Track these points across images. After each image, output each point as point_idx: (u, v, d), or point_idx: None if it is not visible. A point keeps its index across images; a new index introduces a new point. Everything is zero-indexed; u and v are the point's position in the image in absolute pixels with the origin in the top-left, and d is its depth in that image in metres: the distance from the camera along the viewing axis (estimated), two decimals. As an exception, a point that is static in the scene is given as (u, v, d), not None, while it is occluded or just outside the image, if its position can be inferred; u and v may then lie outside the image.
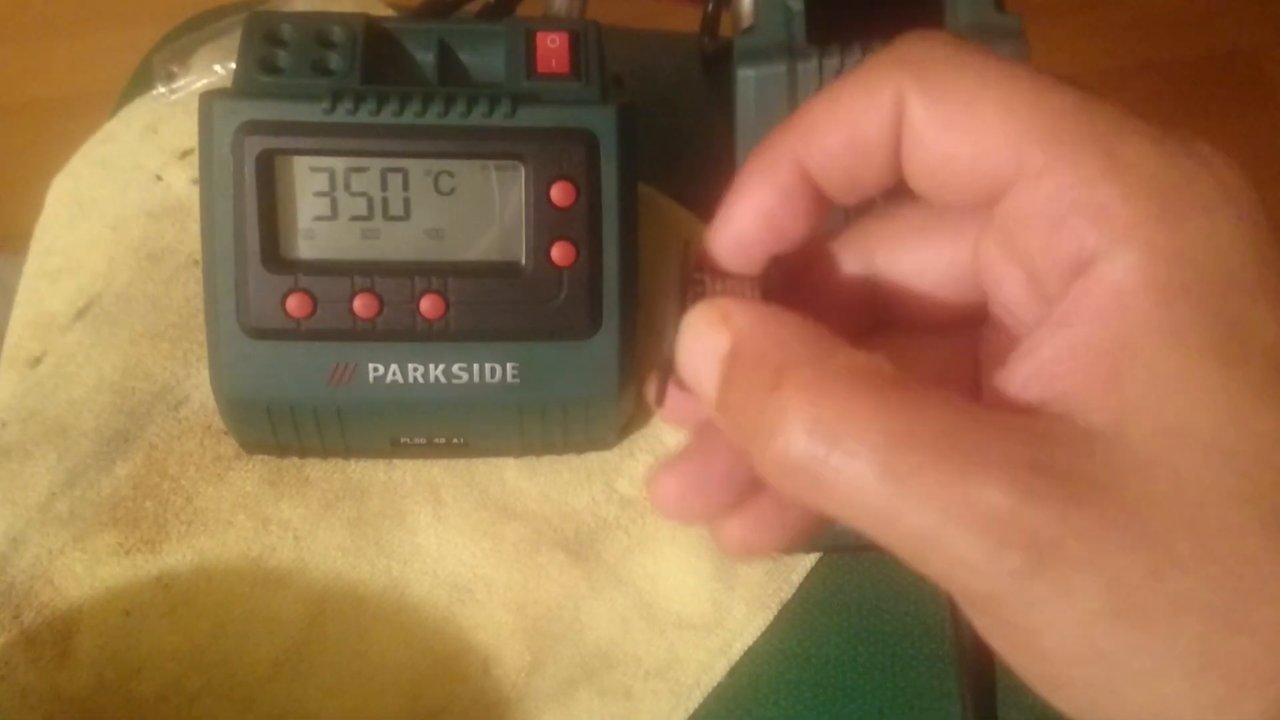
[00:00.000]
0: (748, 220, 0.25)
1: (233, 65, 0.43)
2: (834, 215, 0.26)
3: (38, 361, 0.49)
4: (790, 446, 0.20)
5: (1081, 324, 0.21)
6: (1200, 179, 0.21)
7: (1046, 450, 0.20)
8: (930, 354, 0.27)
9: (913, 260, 0.26)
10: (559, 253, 0.42)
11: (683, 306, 0.25)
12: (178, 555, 0.45)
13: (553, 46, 0.43)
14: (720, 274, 0.26)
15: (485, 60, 0.45)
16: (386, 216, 0.42)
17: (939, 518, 0.19)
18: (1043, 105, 0.21)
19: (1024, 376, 0.21)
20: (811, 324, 0.22)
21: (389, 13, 0.56)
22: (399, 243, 0.42)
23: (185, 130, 0.54)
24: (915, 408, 0.20)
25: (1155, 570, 0.19)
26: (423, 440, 0.45)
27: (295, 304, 0.41)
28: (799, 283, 0.27)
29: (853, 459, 0.20)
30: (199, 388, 0.48)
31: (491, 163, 0.42)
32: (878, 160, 0.24)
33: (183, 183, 0.53)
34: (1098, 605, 0.19)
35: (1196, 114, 1.43)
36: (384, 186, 0.41)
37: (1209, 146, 0.21)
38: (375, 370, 0.43)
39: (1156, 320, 0.20)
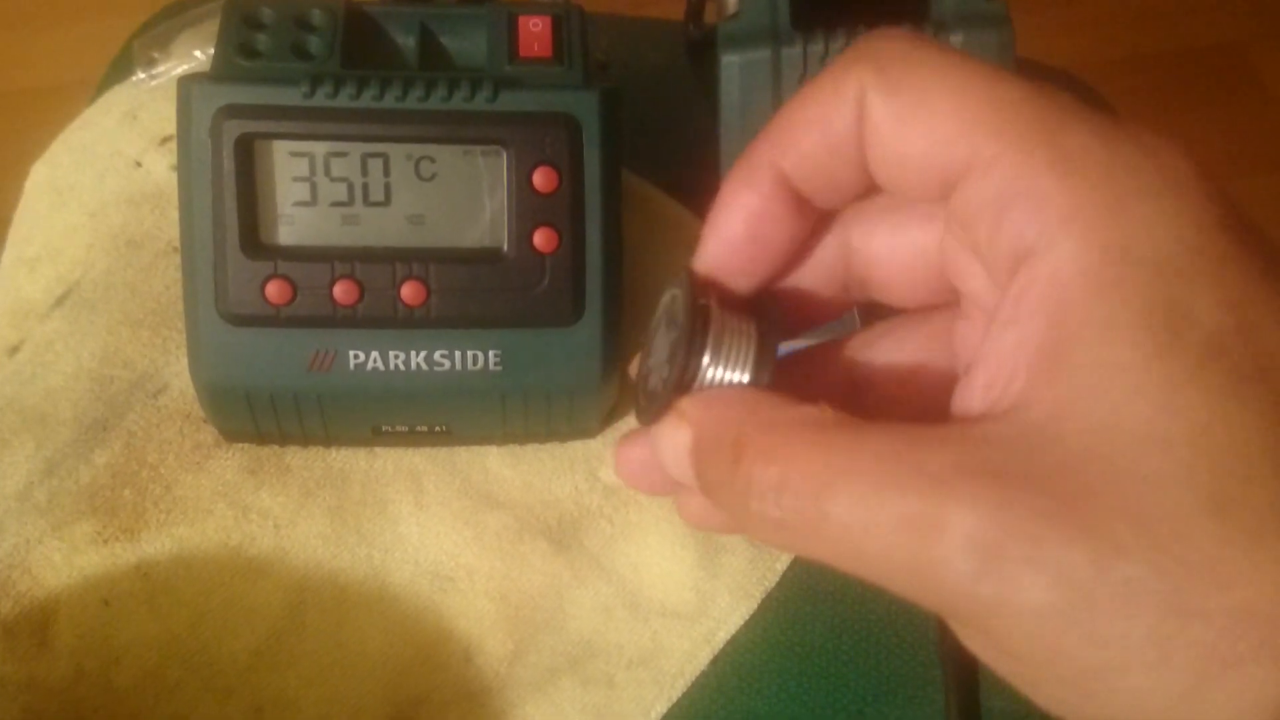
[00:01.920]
0: (735, 227, 0.25)
1: (213, 50, 0.43)
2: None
3: (15, 350, 0.49)
4: (762, 506, 0.22)
5: (1024, 319, 0.21)
6: (1144, 168, 0.21)
7: (982, 454, 0.20)
8: (913, 389, 0.27)
9: (884, 242, 0.27)
10: (541, 239, 0.42)
11: (692, 332, 0.25)
12: (157, 544, 0.44)
13: (535, 30, 0.43)
14: (724, 300, 0.26)
15: (467, 44, 0.44)
16: (367, 202, 0.41)
17: (887, 538, 0.20)
18: (994, 97, 0.22)
19: (985, 379, 0.22)
20: (755, 393, 0.24)
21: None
22: (380, 229, 0.42)
23: (165, 116, 0.53)
24: (855, 442, 0.21)
25: (1099, 561, 0.19)
26: (404, 428, 0.45)
27: (274, 290, 0.41)
28: (783, 270, 0.27)
29: (810, 502, 0.21)
30: (178, 375, 0.47)
31: (473, 148, 0.41)
32: (851, 158, 0.24)
33: (162, 169, 0.52)
34: (1048, 601, 0.19)
35: (1182, 106, 1.43)
36: (364, 172, 0.41)
37: (1155, 136, 0.22)
38: (356, 357, 0.42)
39: (1092, 313, 0.20)
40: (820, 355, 0.28)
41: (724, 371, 0.25)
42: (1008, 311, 0.21)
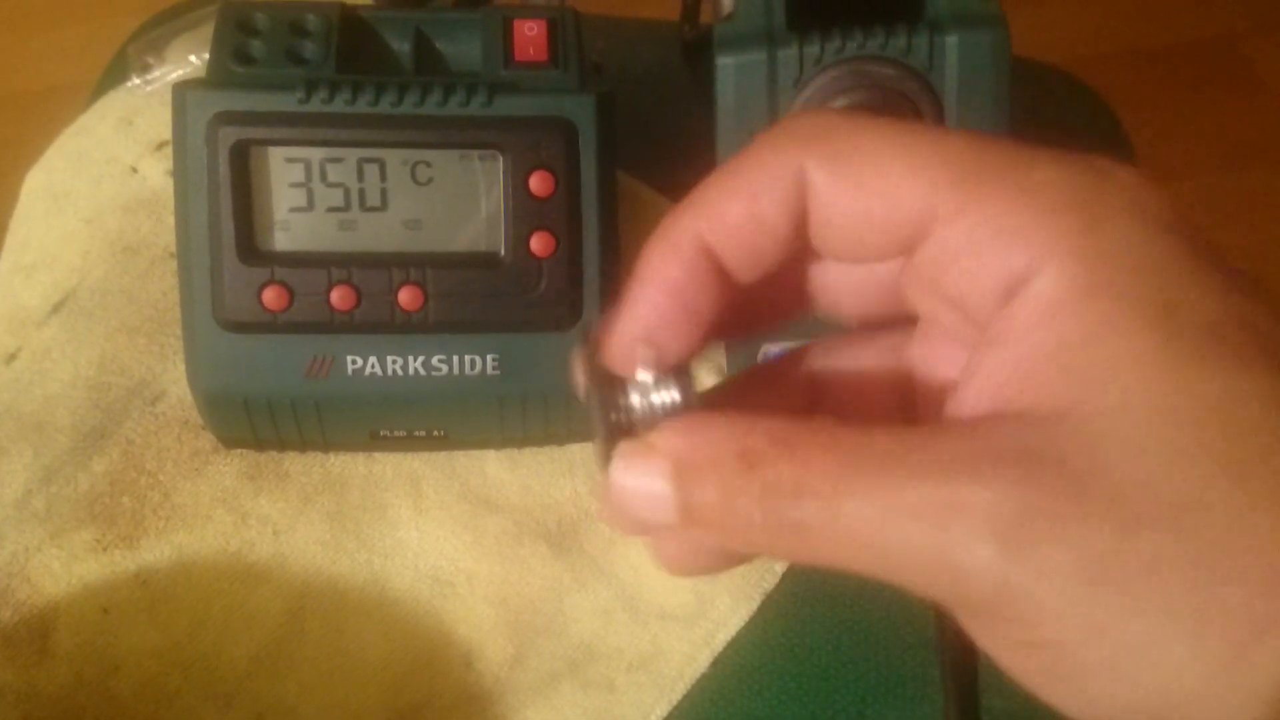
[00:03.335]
0: (658, 300, 0.25)
1: (208, 55, 0.43)
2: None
3: (13, 357, 0.49)
4: (779, 511, 0.21)
5: (1017, 338, 0.21)
6: (1105, 188, 0.22)
7: (994, 442, 0.20)
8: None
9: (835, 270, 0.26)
10: (538, 243, 0.42)
11: (602, 386, 0.24)
12: (156, 551, 0.44)
13: (530, 34, 0.43)
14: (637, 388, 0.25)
15: (462, 49, 0.44)
16: (363, 207, 0.41)
17: (906, 529, 0.20)
18: (945, 152, 0.22)
19: (972, 398, 0.22)
20: (744, 413, 0.23)
21: (365, 1, 0.55)
22: (376, 234, 0.42)
23: (161, 122, 0.53)
24: (864, 442, 0.21)
25: (1124, 532, 0.19)
26: (403, 433, 0.45)
27: (271, 296, 0.41)
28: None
29: (827, 500, 0.21)
30: (176, 382, 0.47)
31: (469, 152, 0.41)
32: (779, 233, 0.24)
33: (158, 175, 0.52)
34: (1078, 576, 0.19)
35: (1176, 100, 1.43)
36: (360, 177, 0.41)
37: (1109, 161, 0.22)
38: (353, 363, 0.42)
39: (1091, 317, 0.21)
40: (776, 367, 0.29)
41: (654, 401, 0.24)
42: (995, 333, 0.22)
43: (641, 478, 0.23)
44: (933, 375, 0.26)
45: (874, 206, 0.23)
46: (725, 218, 0.24)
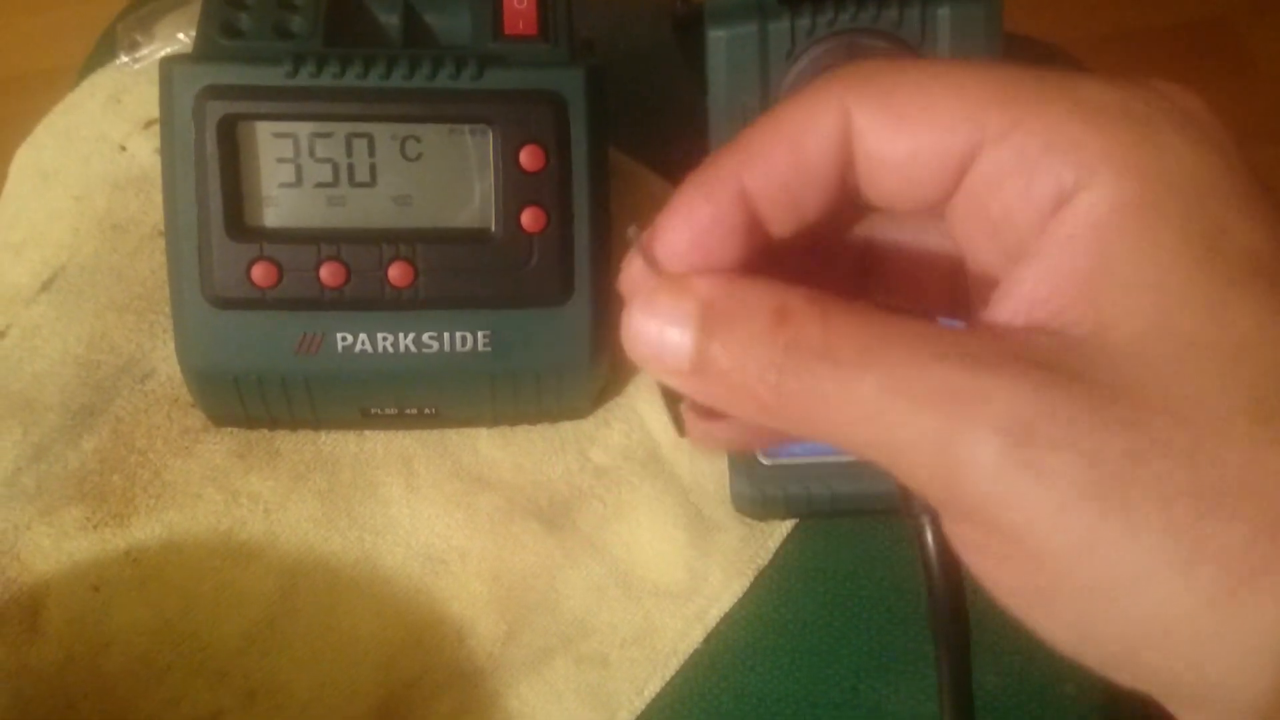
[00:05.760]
0: (678, 239, 0.24)
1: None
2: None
3: (2, 335, 0.48)
4: (797, 370, 0.21)
5: (1056, 252, 0.21)
6: (1159, 105, 0.22)
7: (1025, 346, 0.20)
8: None
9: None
10: (529, 218, 0.41)
11: None
12: (146, 529, 0.44)
13: (520, 7, 0.43)
14: None
15: (451, 22, 0.44)
16: (353, 183, 0.41)
17: (916, 410, 0.20)
18: (990, 77, 0.22)
19: (1007, 314, 0.22)
20: (786, 283, 0.23)
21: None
22: (366, 209, 0.41)
23: (149, 100, 0.53)
24: (900, 323, 0.21)
25: (1135, 452, 0.19)
26: (394, 410, 0.45)
27: (260, 273, 0.41)
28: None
29: (849, 368, 0.21)
30: (166, 360, 0.47)
31: (459, 127, 0.41)
32: (822, 179, 0.24)
33: (147, 153, 0.52)
34: (1077, 489, 0.19)
35: (1172, 81, 1.43)
36: (349, 152, 0.41)
37: (1164, 81, 0.22)
38: (344, 340, 0.42)
39: (1133, 235, 0.20)
40: (829, 235, 0.27)
41: None
42: (1036, 247, 0.21)
43: (665, 315, 0.23)
44: (980, 274, 0.25)
45: (921, 138, 0.23)
46: (768, 164, 0.24)
